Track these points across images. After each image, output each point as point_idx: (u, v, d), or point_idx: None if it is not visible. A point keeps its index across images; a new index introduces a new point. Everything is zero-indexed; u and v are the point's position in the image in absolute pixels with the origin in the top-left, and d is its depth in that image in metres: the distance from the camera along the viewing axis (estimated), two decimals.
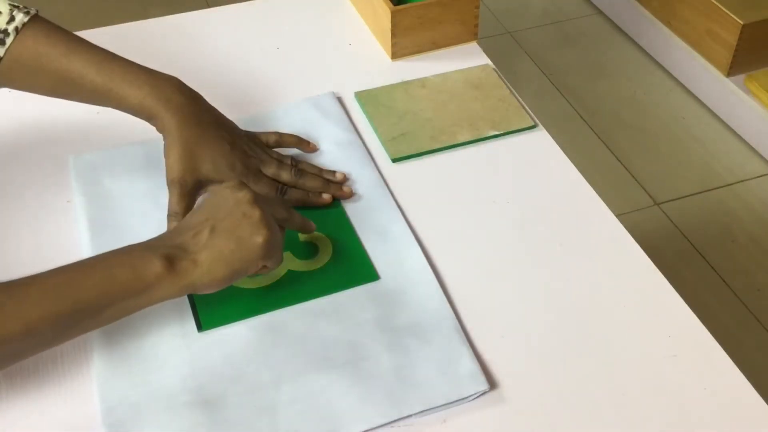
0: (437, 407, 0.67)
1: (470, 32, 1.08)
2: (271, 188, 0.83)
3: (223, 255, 0.68)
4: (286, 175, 0.84)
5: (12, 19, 0.78)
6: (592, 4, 2.64)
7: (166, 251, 0.67)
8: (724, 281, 1.80)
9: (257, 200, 0.71)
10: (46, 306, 0.63)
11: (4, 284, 0.64)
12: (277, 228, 0.72)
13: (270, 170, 0.84)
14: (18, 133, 0.94)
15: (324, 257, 0.80)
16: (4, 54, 0.78)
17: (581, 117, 2.23)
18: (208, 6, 2.56)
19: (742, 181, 2.04)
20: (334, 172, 0.87)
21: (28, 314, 0.62)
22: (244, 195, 0.71)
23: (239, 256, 0.68)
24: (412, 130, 0.94)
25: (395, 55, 1.06)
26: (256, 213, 0.70)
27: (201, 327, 0.73)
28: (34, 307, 0.63)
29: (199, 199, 0.73)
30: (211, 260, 0.67)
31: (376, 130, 0.94)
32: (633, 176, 2.05)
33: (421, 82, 1.01)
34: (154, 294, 0.66)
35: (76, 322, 0.65)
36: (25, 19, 0.78)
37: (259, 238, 0.69)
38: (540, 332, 0.74)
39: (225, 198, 0.71)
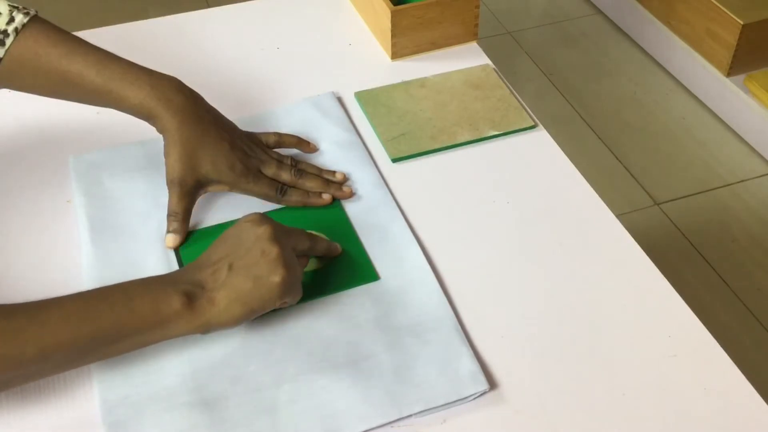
0: (437, 407, 0.67)
1: (470, 32, 1.08)
2: (270, 188, 0.83)
3: (240, 294, 0.67)
4: (286, 176, 0.84)
5: (12, 19, 0.78)
6: (592, 4, 2.65)
7: (185, 288, 0.67)
8: (724, 281, 1.80)
9: (276, 236, 0.70)
10: (65, 332, 0.62)
11: (23, 306, 0.63)
12: (295, 264, 0.71)
13: (270, 170, 0.84)
14: (18, 133, 0.94)
15: (324, 257, 0.80)
16: (4, 55, 0.78)
17: (581, 117, 2.23)
18: (208, 6, 2.56)
19: (742, 181, 2.04)
20: (334, 172, 0.87)
21: (46, 339, 0.62)
22: (264, 231, 0.70)
23: (257, 296, 0.68)
24: (412, 130, 0.94)
25: (395, 55, 1.06)
26: (274, 250, 0.69)
27: None
28: (53, 332, 0.62)
29: (224, 233, 0.73)
30: (229, 300, 0.67)
31: (376, 130, 0.94)
32: (633, 176, 2.05)
33: (421, 82, 1.01)
34: (170, 330, 0.66)
35: (91, 350, 0.64)
36: (25, 20, 0.78)
37: (276, 278, 0.68)
38: (540, 332, 0.74)
39: (245, 233, 0.70)
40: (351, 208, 0.85)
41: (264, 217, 0.72)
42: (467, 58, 1.06)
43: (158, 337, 0.66)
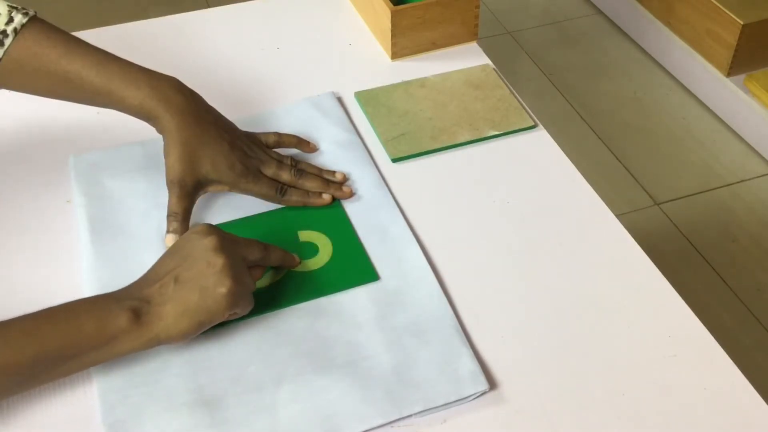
0: (437, 407, 0.67)
1: (470, 32, 1.08)
2: (270, 188, 0.83)
3: (187, 307, 0.67)
4: (285, 176, 0.84)
5: (11, 20, 0.78)
6: (592, 4, 2.65)
7: (131, 304, 0.66)
8: (724, 281, 1.80)
9: (222, 246, 0.69)
10: (7, 355, 0.62)
11: None
12: (244, 274, 0.70)
13: (270, 170, 0.84)
14: (18, 133, 0.94)
15: (324, 257, 0.80)
16: (3, 55, 0.78)
17: (581, 117, 2.23)
18: (208, 6, 2.56)
19: (742, 181, 2.04)
20: (333, 172, 0.87)
21: None
22: (209, 242, 0.69)
23: (204, 308, 0.67)
24: (412, 130, 0.94)
25: (395, 55, 1.06)
26: (219, 261, 0.68)
27: None
28: None
29: (171, 246, 0.72)
30: (176, 313, 0.66)
31: (376, 130, 0.94)
32: (633, 176, 2.05)
33: (421, 82, 1.01)
34: (117, 347, 0.65)
35: (39, 372, 0.64)
36: (24, 20, 0.78)
37: (222, 289, 0.67)
38: (540, 332, 0.74)
39: (191, 245, 0.69)
40: (351, 208, 0.85)
41: (211, 228, 0.71)
42: (467, 58, 1.06)
43: (107, 355, 0.66)
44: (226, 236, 0.71)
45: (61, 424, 0.67)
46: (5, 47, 0.78)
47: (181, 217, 0.80)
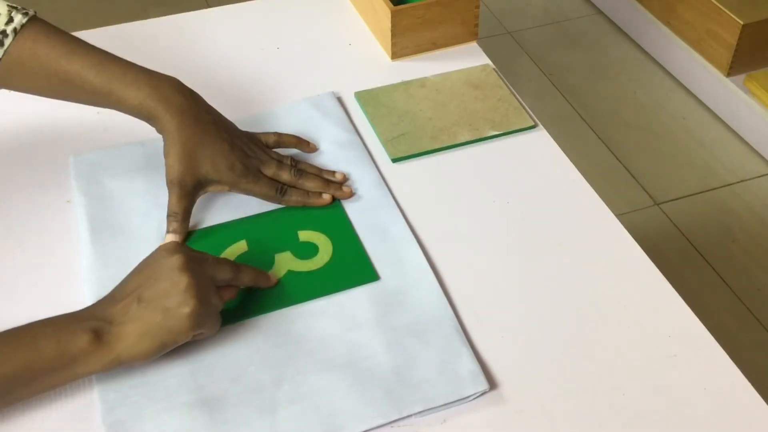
0: (437, 407, 0.67)
1: (470, 32, 1.08)
2: (270, 188, 0.83)
3: (149, 328, 0.65)
4: (285, 176, 0.84)
5: (10, 20, 0.78)
6: (592, 4, 2.65)
7: (92, 324, 0.65)
8: (724, 281, 1.80)
9: (188, 266, 0.67)
10: None
11: None
12: (210, 294, 0.68)
13: (269, 170, 0.84)
14: (18, 133, 0.94)
15: (324, 257, 0.80)
16: (3, 55, 0.78)
17: (581, 117, 2.23)
18: (208, 6, 2.56)
19: (742, 181, 2.04)
20: (333, 172, 0.87)
21: None
22: (175, 260, 0.67)
23: (167, 328, 0.65)
24: (412, 130, 0.94)
25: (395, 55, 1.06)
26: (184, 280, 0.66)
27: None
28: None
29: (138, 264, 0.70)
30: (137, 334, 0.65)
31: (376, 130, 0.94)
32: (633, 176, 2.05)
33: (421, 82, 1.01)
34: (79, 368, 0.64)
35: (1, 394, 0.63)
36: (24, 20, 0.78)
37: (186, 309, 0.65)
38: (540, 332, 0.74)
39: (157, 264, 0.68)
40: (351, 208, 0.85)
41: (178, 247, 0.69)
42: (467, 58, 1.06)
43: (69, 376, 0.65)
44: (193, 255, 0.69)
45: (61, 424, 0.67)
46: (5, 47, 0.78)
47: (181, 217, 0.80)
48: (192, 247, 0.80)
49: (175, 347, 0.68)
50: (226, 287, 0.72)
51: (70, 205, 0.85)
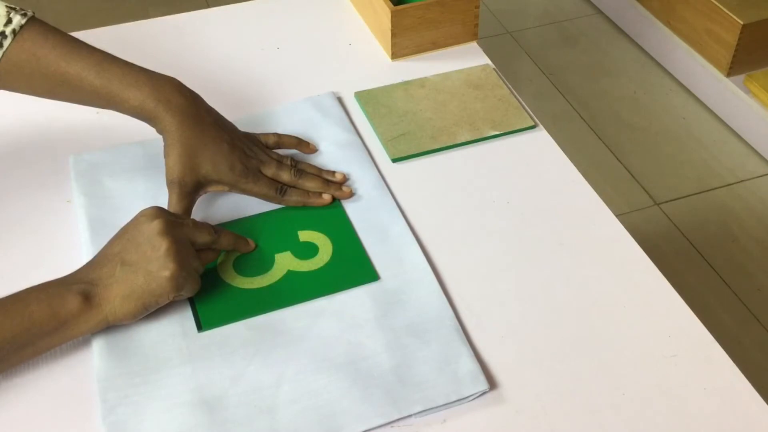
0: (437, 407, 0.67)
1: (470, 32, 1.08)
2: (270, 188, 0.83)
3: (132, 290, 0.69)
4: (285, 176, 0.84)
5: (9, 21, 0.78)
6: (592, 4, 2.65)
7: (81, 287, 0.68)
8: (724, 281, 1.80)
9: (167, 230, 0.71)
10: None
11: None
12: (189, 257, 0.72)
13: (269, 171, 0.84)
14: (18, 133, 0.94)
15: (324, 257, 0.80)
16: (2, 57, 0.78)
17: (581, 117, 2.23)
18: (208, 6, 2.56)
19: (742, 181, 2.04)
20: (333, 172, 0.87)
21: None
22: (155, 225, 0.71)
23: (148, 291, 0.69)
24: (412, 130, 0.94)
25: (395, 55, 1.06)
26: (164, 245, 0.70)
27: (201, 327, 0.73)
28: None
29: (120, 230, 0.73)
30: (122, 296, 0.69)
31: (376, 130, 0.94)
32: (633, 176, 2.05)
33: (421, 82, 1.01)
34: (70, 331, 0.68)
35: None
36: (23, 22, 0.78)
37: (166, 272, 0.69)
38: (540, 332, 0.74)
39: (138, 229, 0.71)
40: (351, 208, 0.85)
41: (158, 211, 0.73)
42: (467, 58, 1.06)
43: (61, 338, 0.68)
44: (173, 220, 0.73)
45: (62, 424, 0.67)
46: (4, 48, 0.78)
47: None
48: None
49: (157, 308, 0.71)
50: (207, 250, 0.75)
51: (70, 205, 0.85)
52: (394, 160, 0.91)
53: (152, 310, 0.71)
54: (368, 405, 0.67)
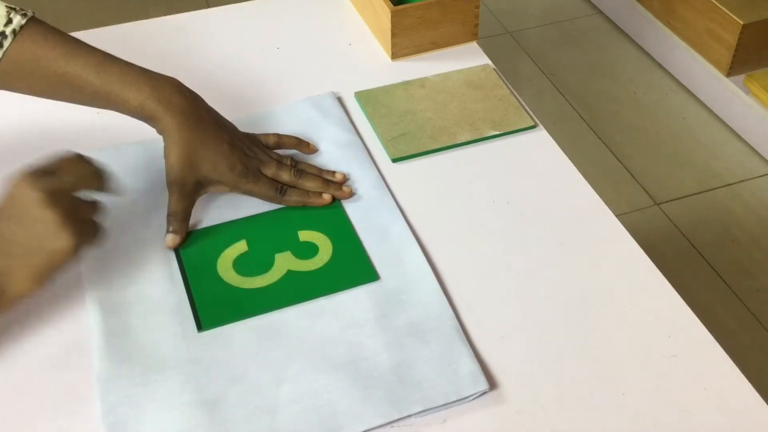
0: (437, 407, 0.67)
1: (470, 32, 1.08)
2: (270, 188, 0.83)
3: (33, 269, 0.66)
4: (285, 176, 0.84)
5: (9, 21, 0.78)
6: (592, 4, 2.65)
7: None
8: (724, 281, 1.80)
9: (48, 200, 0.66)
10: None
11: None
12: (77, 215, 0.68)
13: (270, 171, 0.84)
14: (18, 133, 0.94)
15: (324, 257, 0.80)
16: (2, 57, 0.78)
17: (581, 117, 2.23)
18: (208, 6, 2.56)
19: (742, 181, 2.04)
20: (333, 172, 0.87)
21: None
22: (35, 199, 0.66)
23: (49, 263, 0.66)
24: (412, 130, 0.94)
25: (395, 55, 1.06)
26: (49, 217, 0.65)
27: (201, 327, 0.73)
28: None
29: None
30: (23, 277, 0.66)
31: (376, 130, 0.94)
32: (633, 176, 2.05)
33: (421, 82, 1.01)
34: None
35: None
36: (23, 22, 0.78)
37: (60, 243, 0.66)
38: (540, 332, 0.74)
39: (17, 208, 0.67)
40: (351, 208, 0.85)
41: (32, 183, 0.67)
42: (467, 58, 1.06)
43: None
44: (48, 187, 0.67)
45: (62, 424, 0.67)
46: (4, 49, 0.78)
47: (181, 217, 0.80)
48: (192, 247, 0.80)
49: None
50: (88, 204, 0.71)
51: None
52: (394, 160, 0.91)
53: (59, 272, 0.68)
54: (368, 405, 0.67)
